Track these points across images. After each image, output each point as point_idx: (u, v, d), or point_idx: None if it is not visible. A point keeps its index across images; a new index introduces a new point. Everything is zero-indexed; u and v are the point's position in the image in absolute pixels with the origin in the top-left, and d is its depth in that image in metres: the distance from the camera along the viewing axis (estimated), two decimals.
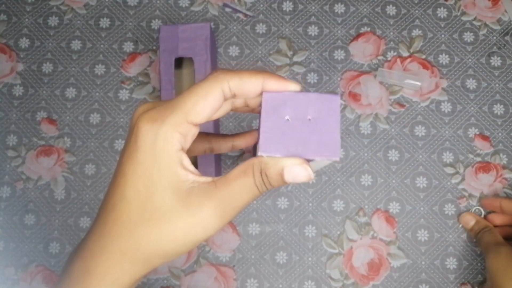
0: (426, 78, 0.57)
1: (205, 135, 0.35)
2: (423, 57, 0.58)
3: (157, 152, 0.27)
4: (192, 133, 0.28)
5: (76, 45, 0.59)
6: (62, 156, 0.56)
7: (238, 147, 0.36)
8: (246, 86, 0.28)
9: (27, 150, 0.56)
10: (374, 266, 0.54)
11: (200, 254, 0.54)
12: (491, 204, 0.53)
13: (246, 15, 0.59)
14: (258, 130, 0.31)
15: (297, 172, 0.27)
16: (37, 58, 0.58)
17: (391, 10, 0.59)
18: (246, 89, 0.28)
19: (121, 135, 0.57)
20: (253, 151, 0.40)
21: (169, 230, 0.27)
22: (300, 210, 0.55)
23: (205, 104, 0.27)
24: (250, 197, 0.27)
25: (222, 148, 0.36)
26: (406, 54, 0.58)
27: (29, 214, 0.55)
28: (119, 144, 0.56)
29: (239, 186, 0.27)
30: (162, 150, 0.27)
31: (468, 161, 0.56)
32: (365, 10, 0.59)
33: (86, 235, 0.30)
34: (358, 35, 0.59)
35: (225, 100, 0.28)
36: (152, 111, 0.28)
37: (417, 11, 0.59)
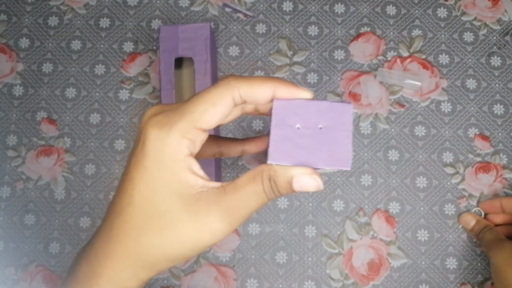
0: (426, 78, 0.57)
1: (214, 139, 0.35)
2: (423, 57, 0.58)
3: (165, 158, 0.27)
4: (201, 138, 0.28)
5: (76, 45, 0.59)
6: (62, 156, 0.56)
7: (248, 152, 0.36)
8: (257, 93, 0.28)
9: (27, 150, 0.56)
10: (374, 266, 0.54)
11: (200, 254, 0.54)
12: (491, 205, 0.53)
13: (246, 15, 0.59)
14: (268, 135, 0.31)
15: (306, 181, 0.27)
16: (37, 58, 0.58)
17: (391, 10, 0.59)
18: (257, 96, 0.28)
19: (121, 135, 0.57)
20: (263, 156, 0.40)
21: (176, 236, 0.27)
22: (300, 210, 0.55)
23: (215, 111, 0.27)
24: (258, 203, 0.27)
25: (231, 152, 0.36)
26: (406, 54, 0.58)
27: (29, 214, 0.55)
28: (119, 144, 0.56)
29: (248, 193, 0.27)
30: (170, 156, 0.27)
31: (468, 161, 0.56)
32: (365, 10, 0.59)
33: (92, 238, 0.30)
34: (358, 35, 0.59)
35: (235, 106, 0.28)
36: (160, 116, 0.28)
37: (417, 11, 0.59)
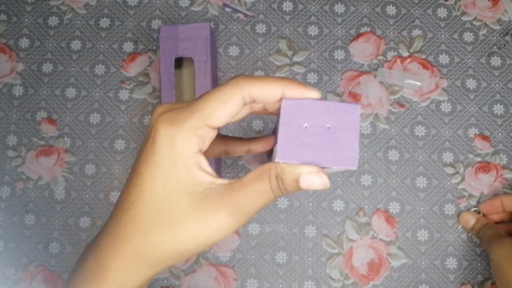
0: (426, 78, 0.57)
1: (221, 138, 0.35)
2: (423, 57, 0.58)
3: (175, 154, 0.27)
4: (210, 135, 0.28)
5: (76, 45, 0.59)
6: (62, 156, 0.56)
7: (254, 152, 0.36)
8: (266, 93, 0.28)
9: (27, 150, 0.56)
10: (374, 266, 0.54)
11: (200, 254, 0.54)
12: (492, 205, 0.53)
13: (246, 15, 0.59)
14: (275, 135, 0.31)
15: (313, 180, 0.27)
16: (37, 58, 0.58)
17: (391, 10, 0.59)
18: (266, 95, 0.28)
19: (121, 135, 0.57)
20: (267, 156, 0.40)
21: (185, 232, 0.27)
22: (300, 210, 0.55)
23: (225, 109, 0.27)
24: (265, 201, 0.28)
25: (237, 151, 0.36)
26: (406, 54, 0.58)
27: (29, 214, 0.55)
28: (119, 144, 0.56)
29: (255, 190, 0.27)
30: (180, 152, 0.27)
31: (468, 161, 0.56)
32: (365, 10, 0.59)
33: (99, 234, 0.30)
34: (358, 35, 0.59)
35: (244, 105, 0.28)
36: (171, 113, 0.28)
37: (417, 11, 0.59)
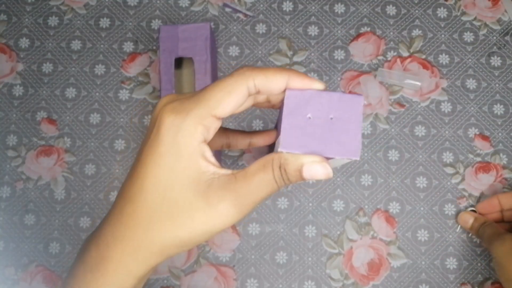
0: (426, 78, 0.57)
1: (223, 130, 0.35)
2: (423, 57, 0.58)
3: (179, 144, 0.27)
4: (214, 126, 0.28)
5: (76, 45, 0.59)
6: (62, 156, 0.56)
7: (256, 145, 0.36)
8: (271, 84, 0.28)
9: (27, 150, 0.56)
10: (374, 266, 0.54)
11: (200, 254, 0.54)
12: (490, 204, 0.53)
13: (246, 15, 0.59)
14: (277, 127, 0.31)
15: (316, 169, 0.27)
16: (37, 58, 0.58)
17: (391, 10, 0.59)
18: (271, 86, 0.28)
19: (121, 135, 0.57)
20: (268, 151, 0.40)
21: (188, 221, 0.27)
22: (300, 210, 0.55)
23: (230, 99, 0.27)
24: (268, 191, 0.28)
25: (239, 144, 0.36)
26: (406, 54, 0.58)
27: (29, 214, 0.55)
28: (119, 144, 0.56)
29: (258, 180, 0.27)
30: (184, 142, 0.27)
31: (468, 161, 0.56)
32: (365, 10, 0.59)
33: (101, 224, 0.30)
34: (358, 35, 0.59)
35: (249, 95, 0.29)
36: (176, 103, 0.28)
37: (417, 11, 0.59)
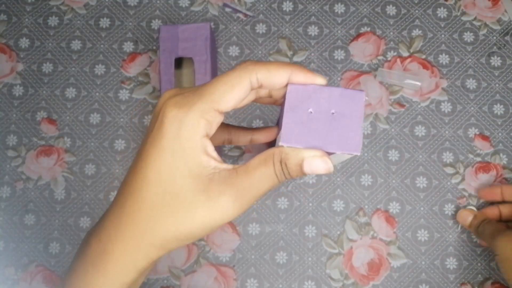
0: (426, 78, 0.57)
1: (225, 126, 0.35)
2: (423, 57, 0.58)
3: (182, 138, 0.27)
4: (217, 120, 0.28)
5: (76, 45, 0.59)
6: (62, 156, 0.56)
7: (257, 141, 0.36)
8: (274, 78, 0.28)
9: (27, 150, 0.56)
10: (374, 266, 0.54)
11: (200, 254, 0.54)
12: (491, 192, 0.52)
13: (246, 15, 0.59)
14: (279, 124, 0.31)
15: (316, 164, 0.27)
16: (37, 58, 0.58)
17: (391, 10, 0.59)
18: (273, 80, 0.28)
19: (121, 135, 0.57)
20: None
21: (188, 215, 0.27)
22: (300, 210, 0.55)
23: (233, 93, 0.28)
24: (269, 186, 0.28)
25: (240, 140, 0.36)
26: (406, 54, 0.58)
27: (29, 214, 0.55)
28: (119, 144, 0.56)
29: (259, 175, 0.27)
30: (187, 136, 0.27)
31: (468, 161, 0.56)
32: (365, 10, 0.59)
33: (102, 218, 0.30)
34: (358, 35, 0.59)
35: (251, 90, 0.29)
36: (179, 97, 0.28)
37: (417, 11, 0.59)
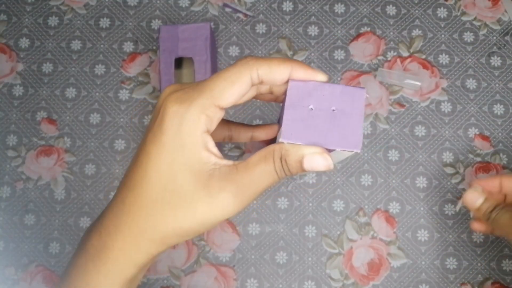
0: (426, 78, 0.57)
1: (225, 122, 0.35)
2: (423, 57, 0.58)
3: (182, 133, 0.27)
4: (218, 116, 0.28)
5: (76, 45, 0.59)
6: (62, 156, 0.56)
7: (257, 138, 0.36)
8: (274, 74, 0.28)
9: (27, 150, 0.56)
10: (374, 266, 0.54)
11: (200, 254, 0.54)
12: (489, 182, 0.45)
13: (246, 15, 0.59)
14: (279, 121, 0.31)
15: (316, 161, 0.27)
16: (37, 58, 0.58)
17: (391, 10, 0.59)
18: (274, 76, 0.28)
19: (121, 135, 0.57)
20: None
21: (188, 211, 0.27)
22: (300, 210, 0.55)
23: (233, 89, 0.28)
24: (269, 182, 0.28)
25: (241, 137, 0.36)
26: (406, 54, 0.58)
27: (29, 214, 0.55)
28: (119, 144, 0.56)
29: (260, 172, 0.27)
30: (188, 132, 0.27)
31: (468, 161, 0.56)
32: (365, 10, 0.59)
33: (102, 213, 0.30)
34: (358, 35, 0.59)
35: (252, 86, 0.29)
36: (179, 92, 0.28)
37: (417, 11, 0.59)
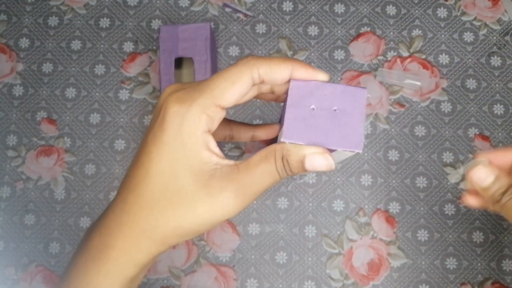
0: (426, 78, 0.57)
1: (227, 122, 0.35)
2: (423, 57, 0.58)
3: (183, 133, 0.27)
4: (219, 116, 0.28)
5: (76, 45, 0.59)
6: (62, 156, 0.56)
7: (258, 138, 0.36)
8: (275, 73, 0.28)
9: (27, 150, 0.56)
10: (374, 266, 0.54)
11: (200, 254, 0.54)
12: (501, 157, 0.36)
13: (246, 15, 0.59)
14: (280, 120, 0.31)
15: (318, 161, 0.27)
16: (37, 58, 0.58)
17: (391, 10, 0.59)
18: (275, 76, 0.28)
19: (121, 135, 0.57)
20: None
21: (189, 211, 0.27)
22: (300, 210, 0.55)
23: (234, 89, 0.27)
24: (271, 182, 0.28)
25: (242, 136, 0.36)
26: (406, 54, 0.58)
27: (29, 214, 0.55)
28: (119, 144, 0.56)
29: (261, 171, 0.27)
30: (189, 132, 0.27)
31: (468, 161, 0.56)
32: (365, 10, 0.59)
33: (104, 213, 0.30)
34: (358, 35, 0.59)
35: (253, 85, 0.29)
36: (180, 92, 0.28)
37: (417, 11, 0.59)
